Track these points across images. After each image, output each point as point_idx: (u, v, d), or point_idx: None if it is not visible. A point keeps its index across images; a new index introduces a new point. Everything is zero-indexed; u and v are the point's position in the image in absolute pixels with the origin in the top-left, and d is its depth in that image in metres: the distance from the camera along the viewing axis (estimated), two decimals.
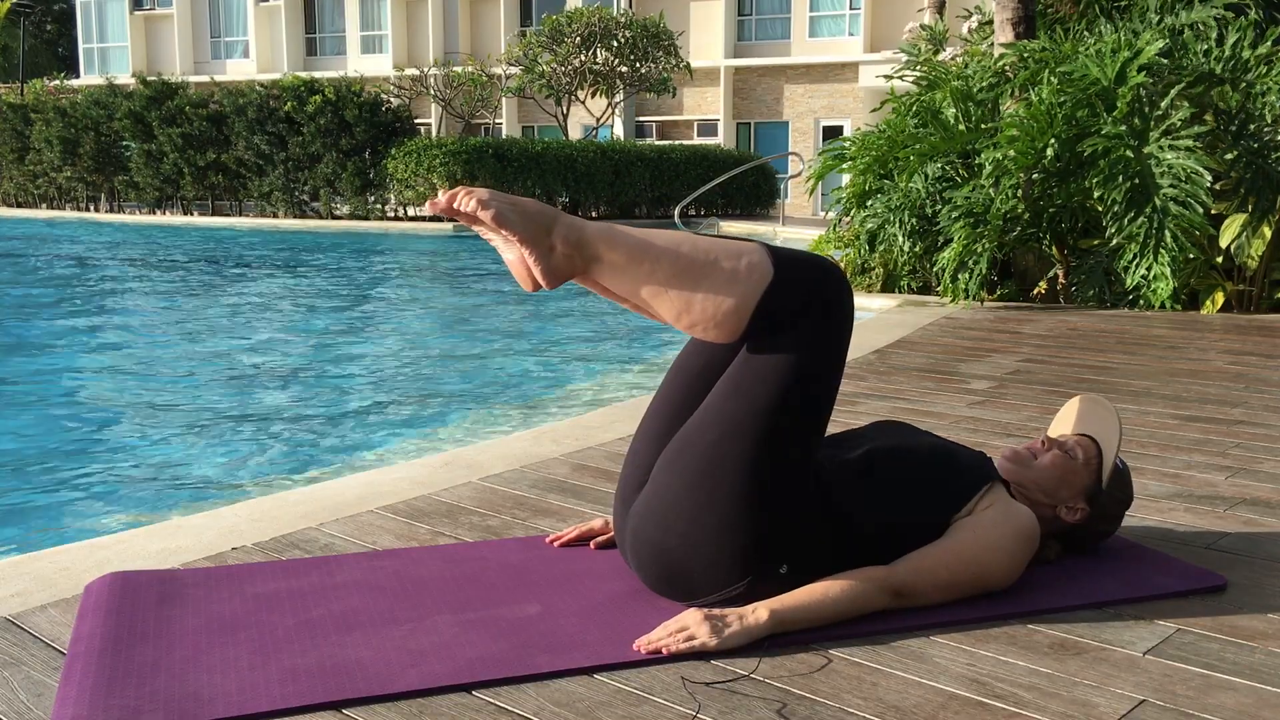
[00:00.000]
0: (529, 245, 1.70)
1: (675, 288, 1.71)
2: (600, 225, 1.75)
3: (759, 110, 28.15)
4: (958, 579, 1.81)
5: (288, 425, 4.68)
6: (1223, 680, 1.59)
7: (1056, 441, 2.06)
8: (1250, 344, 5.14)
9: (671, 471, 1.78)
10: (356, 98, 20.07)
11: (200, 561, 2.08)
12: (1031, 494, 2.02)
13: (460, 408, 5.03)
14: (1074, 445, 2.06)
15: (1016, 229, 6.69)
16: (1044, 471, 2.02)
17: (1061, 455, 2.03)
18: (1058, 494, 2.02)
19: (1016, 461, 2.03)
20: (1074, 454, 2.03)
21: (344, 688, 1.52)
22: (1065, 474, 2.02)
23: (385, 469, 2.89)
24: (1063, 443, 2.06)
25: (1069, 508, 2.02)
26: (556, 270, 1.73)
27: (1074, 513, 2.03)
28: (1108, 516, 2.07)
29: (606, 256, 1.72)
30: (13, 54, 38.58)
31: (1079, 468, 2.02)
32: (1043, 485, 2.01)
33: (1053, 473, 2.01)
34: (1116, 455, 2.06)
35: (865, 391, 3.85)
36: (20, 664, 1.62)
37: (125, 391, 5.51)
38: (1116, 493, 2.06)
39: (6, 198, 25.08)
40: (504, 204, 1.70)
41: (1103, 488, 2.02)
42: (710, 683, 1.56)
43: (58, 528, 3.31)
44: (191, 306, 9.00)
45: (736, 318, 1.71)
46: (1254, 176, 6.17)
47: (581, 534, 2.14)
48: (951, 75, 7.38)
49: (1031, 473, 2.02)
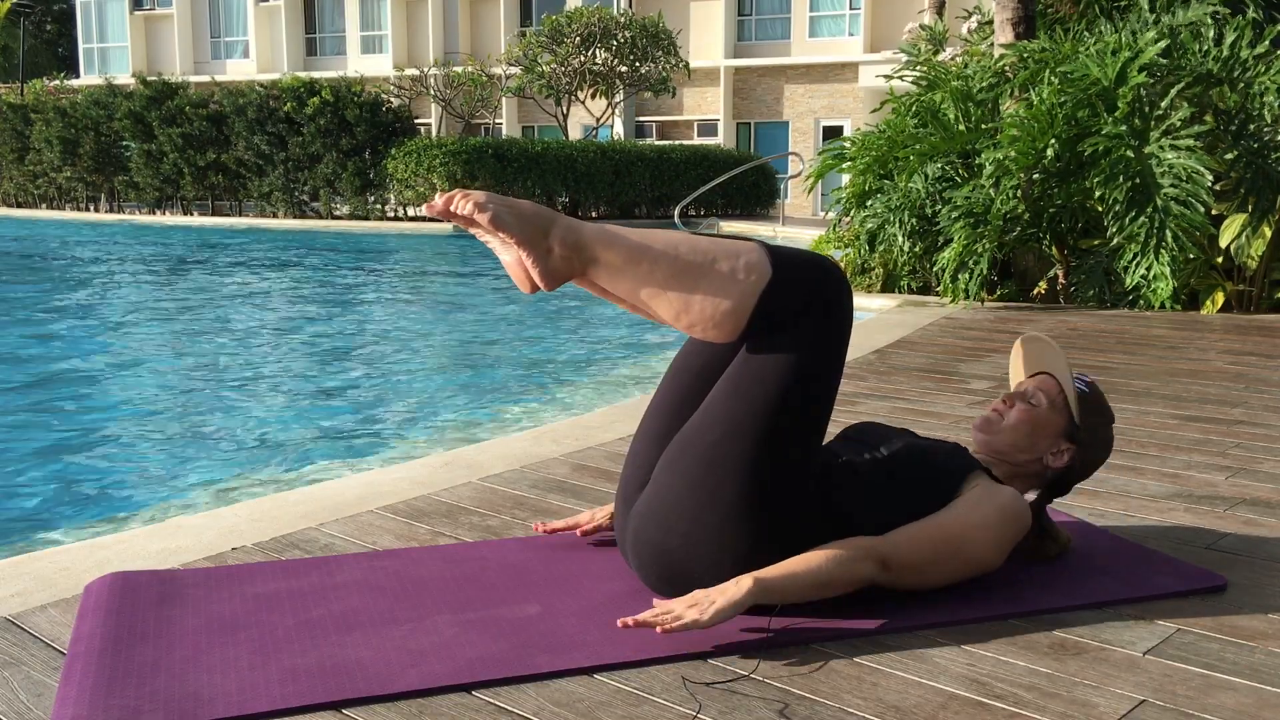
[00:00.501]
0: (527, 247, 1.70)
1: (673, 289, 1.71)
2: (598, 226, 1.75)
3: (759, 110, 28.15)
4: (941, 554, 1.79)
5: (288, 425, 4.69)
6: (1223, 680, 1.59)
7: (1017, 394, 2.03)
8: (1250, 344, 5.14)
9: (672, 472, 1.78)
10: (356, 98, 20.08)
11: (200, 561, 2.08)
12: (1012, 457, 1.99)
13: (460, 408, 5.03)
14: (1034, 391, 2.02)
15: (1016, 229, 6.69)
16: (1014, 429, 1.99)
17: (1026, 408, 2.00)
18: (1037, 445, 1.99)
19: (987, 430, 2.01)
20: (1037, 400, 2.00)
21: (344, 688, 1.52)
22: (1035, 424, 1.99)
23: (385, 469, 2.89)
24: (1022, 393, 2.03)
25: (1053, 453, 2.00)
26: (555, 272, 1.73)
27: (1060, 456, 2.00)
28: (1096, 443, 2.03)
29: (604, 258, 1.72)
30: (13, 54, 38.58)
31: (1046, 413, 1.99)
32: (1018, 443, 1.99)
33: (1022, 427, 1.99)
34: (1075, 380, 2.02)
35: (865, 391, 3.85)
36: (20, 664, 1.62)
37: (125, 391, 5.51)
38: (1094, 419, 2.02)
39: (6, 198, 25.09)
40: (500, 206, 1.70)
41: (1078, 422, 1.99)
42: (710, 683, 1.56)
43: (58, 528, 3.31)
44: (190, 306, 9.00)
45: (735, 318, 1.71)
46: (1254, 176, 6.17)
47: (569, 526, 2.13)
48: (951, 75, 7.38)
49: (1004, 435, 1.99)
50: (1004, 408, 2.03)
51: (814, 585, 1.70)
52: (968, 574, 1.84)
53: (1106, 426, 2.05)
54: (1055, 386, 2.02)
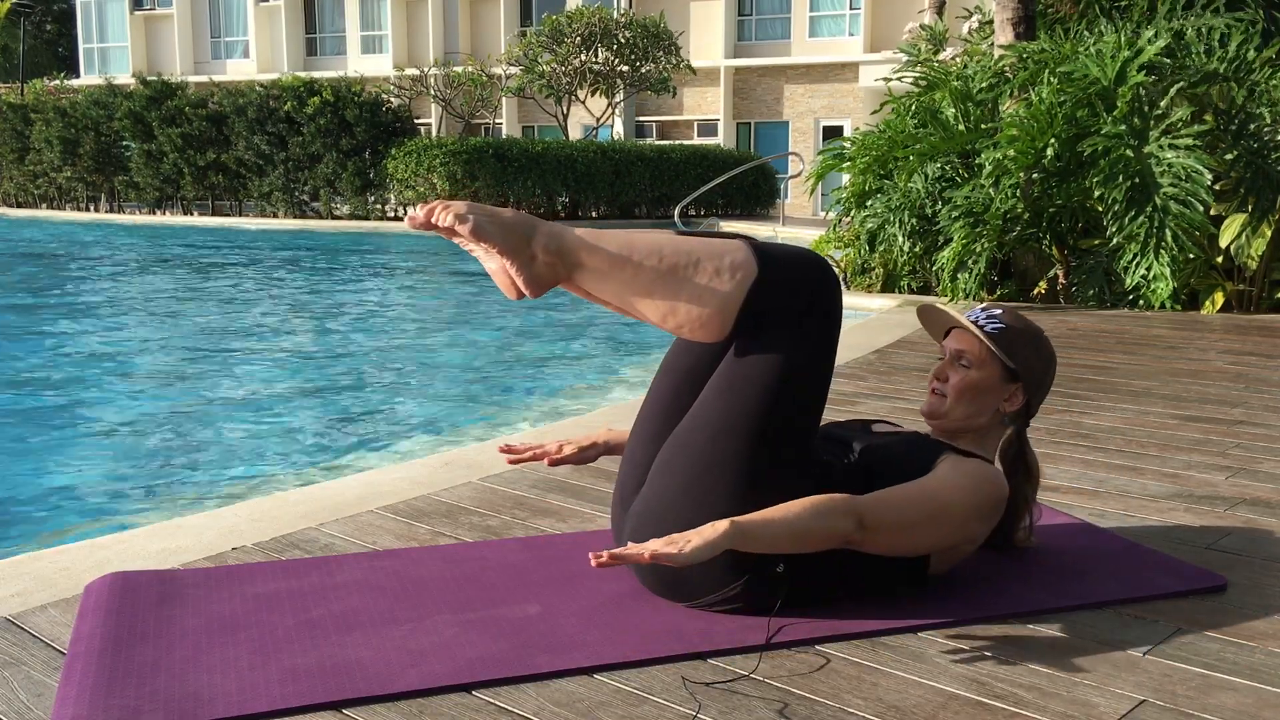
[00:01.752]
0: (510, 255, 1.69)
1: (659, 292, 1.70)
2: (581, 231, 1.74)
3: (759, 110, 28.15)
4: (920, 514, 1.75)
5: (288, 425, 4.68)
6: (1223, 680, 1.59)
7: (945, 366, 2.02)
8: (1250, 344, 5.14)
9: (666, 474, 1.78)
10: (356, 98, 20.08)
11: (200, 561, 2.08)
12: (970, 425, 1.98)
13: (461, 408, 5.03)
14: (955, 352, 2.00)
15: (1016, 229, 6.69)
16: (959, 401, 1.98)
17: (958, 374, 1.98)
18: (987, 403, 1.98)
19: (935, 414, 2.00)
20: (965, 362, 1.99)
21: (344, 688, 1.52)
22: (974, 385, 1.97)
23: (385, 469, 2.89)
24: (948, 361, 2.01)
25: (1005, 400, 1.99)
26: (539, 279, 1.72)
27: (1013, 399, 1.99)
28: (1039, 366, 2.00)
29: (588, 263, 1.71)
30: (13, 54, 38.58)
31: (977, 372, 1.98)
32: (969, 411, 1.98)
33: (965, 393, 1.97)
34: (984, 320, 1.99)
35: (865, 391, 3.85)
36: (20, 664, 1.62)
37: (125, 391, 5.51)
38: (1023, 348, 1.99)
39: (6, 198, 25.09)
40: (481, 216, 1.69)
41: (1009, 361, 1.97)
42: (710, 683, 1.56)
43: (58, 528, 3.31)
44: (188, 306, 9.00)
45: (722, 318, 1.70)
46: (1254, 176, 6.18)
47: (536, 455, 2.07)
48: (951, 75, 7.39)
49: (953, 412, 1.98)
50: (940, 384, 2.01)
51: (790, 535, 1.66)
52: (947, 540, 1.81)
53: (1039, 346, 2.02)
54: (973, 340, 2.00)
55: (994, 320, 2.01)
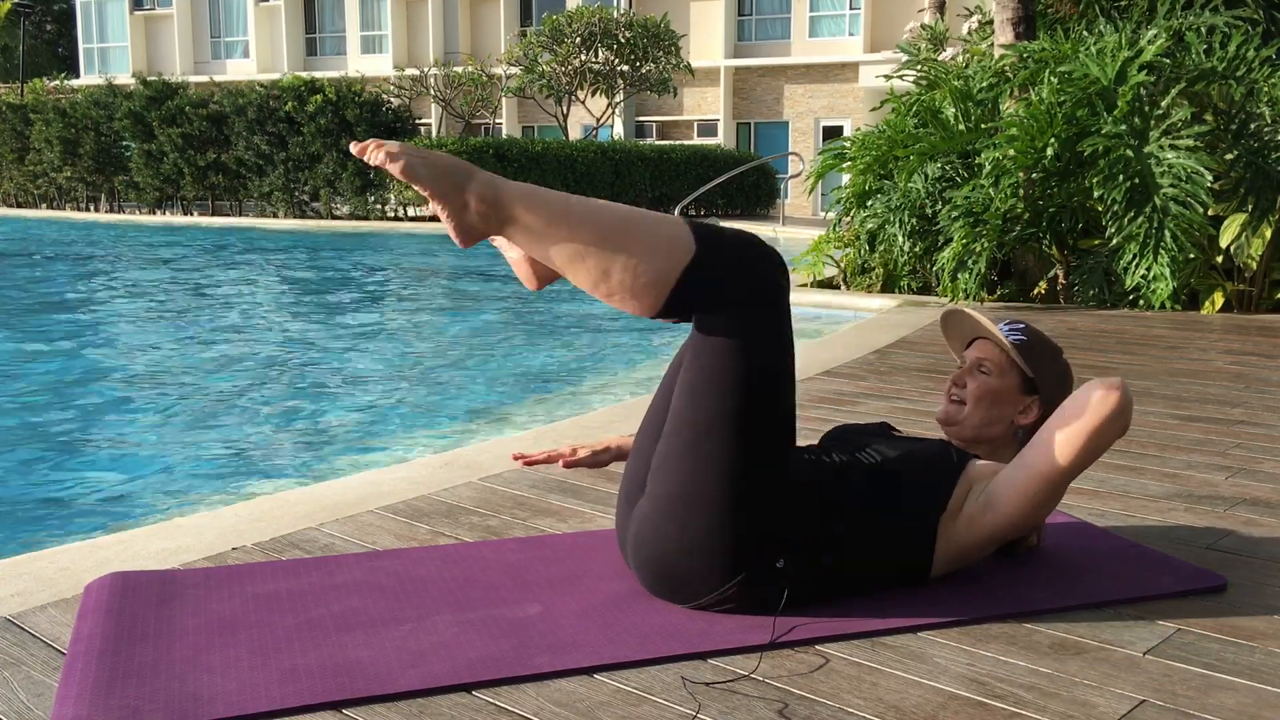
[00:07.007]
0: (440, 200, 1.66)
1: (592, 256, 1.65)
2: (521, 186, 1.70)
3: (759, 110, 28.15)
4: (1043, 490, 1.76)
5: (288, 426, 4.68)
6: (1223, 680, 1.59)
7: (964, 373, 2.01)
8: (1250, 344, 5.14)
9: (658, 479, 1.77)
10: (357, 98, 20.10)
11: (200, 561, 2.08)
12: (985, 435, 1.98)
13: (461, 408, 5.03)
14: (976, 360, 2.00)
15: (1016, 229, 6.69)
16: (977, 409, 1.97)
17: (977, 381, 1.98)
18: (1003, 413, 1.98)
19: (951, 422, 1.99)
20: (985, 370, 1.98)
21: (344, 688, 1.52)
22: (993, 393, 1.97)
23: (385, 469, 2.89)
24: (969, 369, 2.01)
25: (1020, 412, 1.99)
26: (469, 228, 1.68)
27: (1028, 412, 1.99)
28: (1056, 383, 2.01)
29: (523, 218, 1.67)
30: (13, 54, 38.58)
31: (997, 380, 1.97)
32: (986, 419, 1.97)
33: (984, 402, 1.97)
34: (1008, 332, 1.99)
35: (865, 391, 3.85)
36: (20, 664, 1.62)
37: (125, 391, 5.51)
38: (1044, 363, 1.99)
39: (6, 198, 25.10)
40: (414, 157, 1.65)
41: (1030, 373, 1.97)
42: (710, 683, 1.56)
43: (58, 528, 3.31)
44: (188, 307, 9.00)
45: (654, 292, 1.66)
46: (1254, 176, 6.17)
47: (550, 457, 2.07)
48: (951, 75, 7.39)
49: (970, 419, 1.98)
50: (959, 390, 2.01)
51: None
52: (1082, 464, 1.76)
53: (1057, 361, 2.03)
54: (994, 350, 1.99)
55: (1017, 332, 2.02)
